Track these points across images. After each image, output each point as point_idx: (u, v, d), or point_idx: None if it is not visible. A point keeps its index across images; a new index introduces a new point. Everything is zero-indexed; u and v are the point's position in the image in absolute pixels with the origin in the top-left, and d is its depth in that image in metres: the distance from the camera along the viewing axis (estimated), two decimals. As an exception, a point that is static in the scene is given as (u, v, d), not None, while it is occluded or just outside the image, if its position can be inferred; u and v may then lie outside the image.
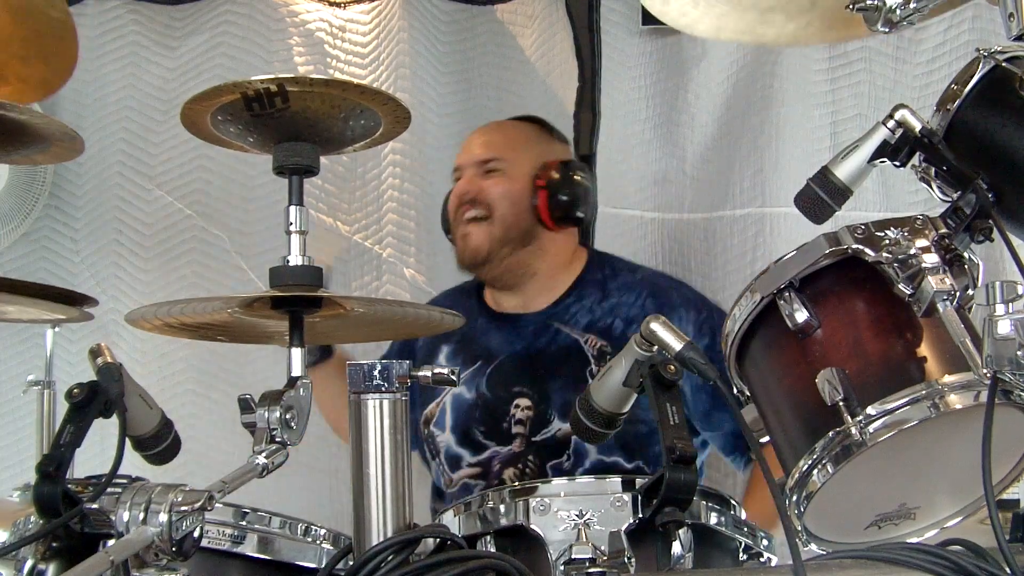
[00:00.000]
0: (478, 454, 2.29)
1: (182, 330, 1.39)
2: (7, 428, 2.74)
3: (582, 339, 2.28)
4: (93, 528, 1.23)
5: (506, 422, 2.26)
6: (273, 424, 1.19)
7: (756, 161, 2.77)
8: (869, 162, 1.27)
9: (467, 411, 2.31)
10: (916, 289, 1.15)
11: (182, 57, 2.84)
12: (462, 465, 2.30)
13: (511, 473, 2.24)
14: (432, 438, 2.35)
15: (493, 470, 2.26)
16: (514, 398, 2.27)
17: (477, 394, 2.31)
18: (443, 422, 2.34)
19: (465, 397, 2.32)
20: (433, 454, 2.36)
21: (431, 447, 2.36)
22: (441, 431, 2.34)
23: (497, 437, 2.27)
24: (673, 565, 1.19)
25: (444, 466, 2.33)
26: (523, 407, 2.25)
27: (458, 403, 2.33)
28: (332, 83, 1.24)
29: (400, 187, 2.85)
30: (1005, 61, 1.23)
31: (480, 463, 2.28)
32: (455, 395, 2.33)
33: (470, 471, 2.29)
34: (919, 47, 2.73)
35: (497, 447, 2.27)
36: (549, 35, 2.88)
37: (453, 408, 2.33)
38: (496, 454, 2.27)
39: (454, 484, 2.32)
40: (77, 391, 1.28)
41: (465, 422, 2.31)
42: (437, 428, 2.34)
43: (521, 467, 2.23)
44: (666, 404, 1.21)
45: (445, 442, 2.33)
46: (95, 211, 2.83)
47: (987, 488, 1.06)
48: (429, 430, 2.36)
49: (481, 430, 2.29)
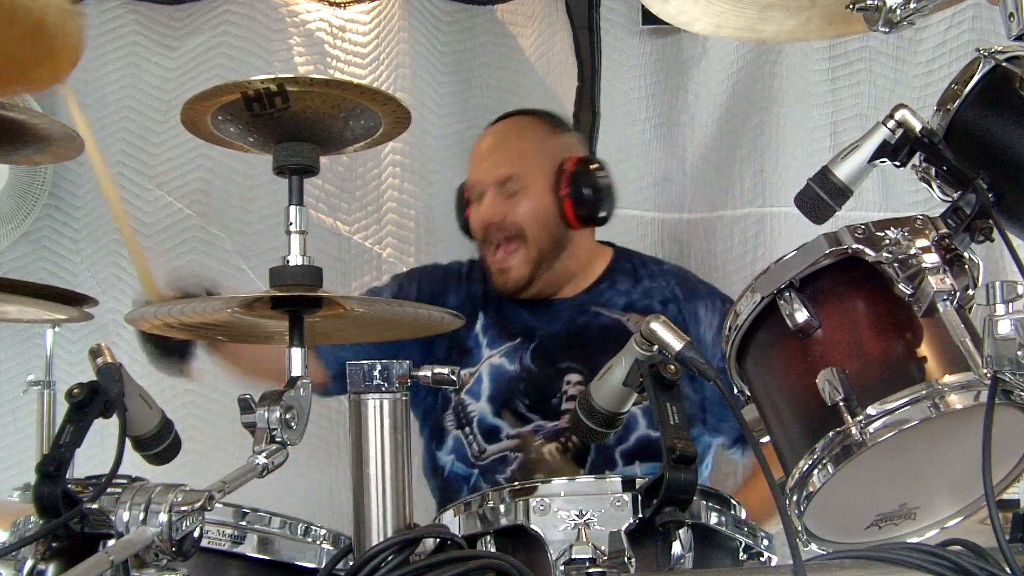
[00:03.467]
0: (521, 426, 2.27)
1: (182, 330, 1.39)
2: (7, 428, 2.74)
3: (623, 318, 2.30)
4: (93, 528, 1.23)
5: (556, 397, 2.25)
6: (273, 424, 1.19)
7: (756, 161, 2.77)
8: (869, 162, 1.27)
9: (509, 383, 2.29)
10: (916, 289, 1.15)
11: (182, 57, 2.84)
12: (500, 437, 2.27)
13: (553, 447, 2.23)
14: (463, 405, 2.32)
15: (534, 444, 2.24)
16: (564, 373, 2.26)
17: (521, 367, 2.29)
18: (478, 391, 2.31)
19: (507, 368, 2.30)
20: (463, 423, 2.32)
21: (461, 415, 2.32)
22: (475, 400, 2.30)
23: (543, 411, 2.26)
24: (673, 565, 1.19)
25: (477, 435, 2.29)
26: (574, 383, 2.25)
27: (498, 374, 2.30)
28: (332, 83, 1.24)
29: (400, 187, 2.85)
30: (1005, 61, 1.23)
31: (521, 436, 2.26)
32: (493, 365, 2.31)
33: (509, 443, 2.26)
34: (919, 47, 2.74)
35: (542, 421, 2.25)
36: (549, 35, 2.88)
37: (491, 378, 2.30)
38: (540, 428, 2.25)
39: (486, 456, 2.27)
40: (77, 391, 1.28)
41: (507, 393, 2.29)
42: (470, 396, 2.31)
43: (563, 441, 2.22)
44: (666, 404, 1.21)
45: (479, 411, 2.29)
46: (95, 211, 2.83)
47: (987, 488, 1.06)
48: (460, 397, 2.32)
49: (525, 403, 2.27)
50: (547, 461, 2.22)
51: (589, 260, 2.39)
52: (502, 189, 2.30)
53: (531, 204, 2.28)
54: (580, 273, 2.38)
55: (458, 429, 2.32)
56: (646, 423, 2.18)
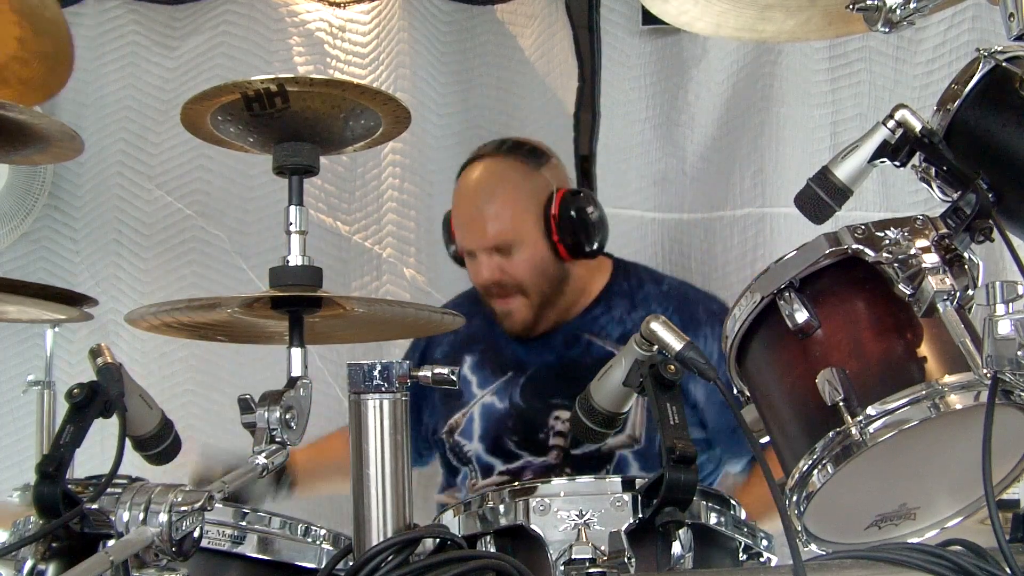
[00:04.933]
0: (510, 463, 2.26)
1: (182, 330, 1.39)
2: (7, 428, 2.74)
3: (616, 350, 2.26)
4: (93, 528, 1.23)
5: (543, 433, 2.24)
6: (273, 424, 1.19)
7: (756, 161, 2.77)
8: (869, 162, 1.27)
9: (499, 420, 2.29)
10: (916, 289, 1.15)
11: (182, 57, 2.84)
12: (493, 474, 2.28)
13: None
14: (459, 447, 2.33)
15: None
16: (552, 409, 2.24)
17: (510, 404, 2.29)
18: (470, 432, 2.31)
19: (496, 407, 2.30)
20: (463, 461, 2.33)
21: (459, 455, 2.33)
22: (468, 441, 2.31)
23: (531, 447, 2.25)
24: (673, 565, 1.19)
25: (477, 472, 2.31)
26: (563, 419, 2.22)
27: (488, 412, 2.31)
28: (332, 83, 1.24)
29: (400, 187, 2.85)
30: (1005, 61, 1.23)
31: (511, 472, 2.26)
32: (484, 405, 2.31)
33: (499, 479, 2.26)
34: (919, 47, 2.74)
35: (531, 457, 2.25)
36: (549, 35, 2.88)
37: (482, 417, 2.31)
38: (529, 464, 2.24)
39: (478, 491, 2.27)
40: (77, 391, 1.28)
41: (496, 431, 2.28)
42: (464, 438, 2.32)
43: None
44: (666, 404, 1.21)
45: (474, 451, 2.30)
46: (95, 211, 2.83)
47: (987, 488, 1.06)
48: (455, 440, 2.33)
49: (514, 440, 2.27)
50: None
51: (588, 278, 2.35)
52: (494, 250, 2.24)
53: (526, 256, 2.22)
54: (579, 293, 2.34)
55: (464, 465, 2.34)
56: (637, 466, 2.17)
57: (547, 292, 2.26)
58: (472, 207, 2.28)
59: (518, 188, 2.26)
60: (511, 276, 2.24)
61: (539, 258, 2.23)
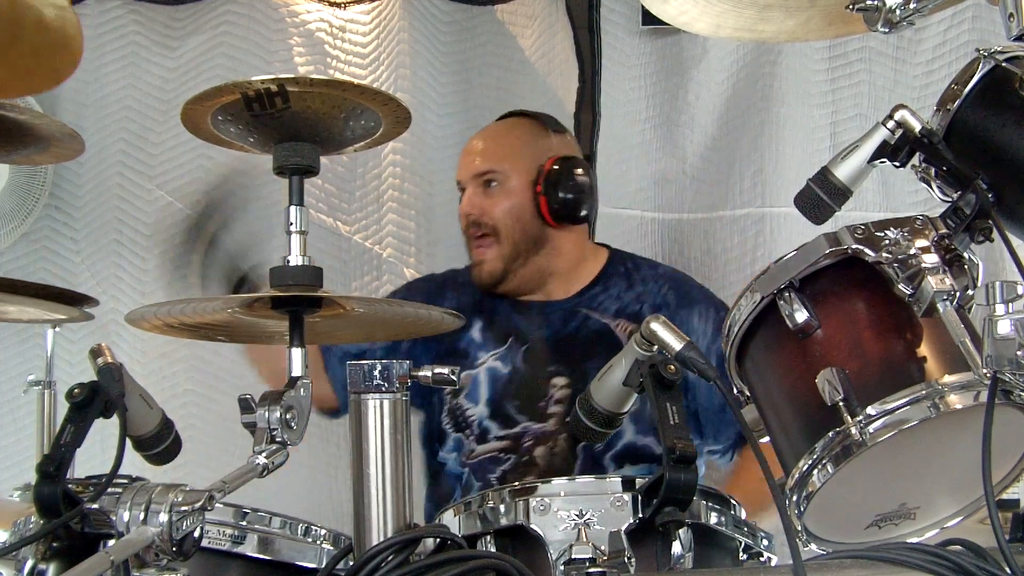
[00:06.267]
0: (508, 428, 2.28)
1: (182, 330, 1.39)
2: (7, 428, 2.74)
3: (612, 323, 2.30)
4: (93, 528, 1.23)
5: (543, 400, 2.27)
6: (273, 424, 1.19)
7: (756, 161, 2.77)
8: (869, 162, 1.27)
9: (502, 385, 2.31)
10: (916, 289, 1.15)
11: (182, 57, 2.84)
12: (488, 439, 2.28)
13: (542, 452, 2.24)
14: (461, 409, 2.32)
15: (523, 446, 2.25)
16: (551, 377, 2.28)
17: (512, 369, 2.31)
18: (476, 395, 2.31)
19: (501, 371, 2.32)
20: (461, 426, 2.32)
21: (458, 419, 2.33)
22: (474, 404, 2.31)
23: (530, 413, 2.27)
24: (673, 565, 1.19)
25: (472, 439, 2.30)
26: (560, 386, 2.27)
27: (494, 376, 2.32)
28: (332, 83, 1.24)
29: (400, 187, 2.85)
30: (1005, 61, 1.23)
31: (510, 437, 2.27)
32: (490, 368, 2.32)
33: (498, 444, 2.27)
34: (919, 47, 2.74)
35: (529, 423, 2.27)
36: (549, 35, 2.88)
37: (489, 381, 2.32)
38: (527, 430, 2.26)
39: (476, 456, 2.28)
40: (77, 391, 1.28)
41: (500, 395, 2.30)
42: (468, 400, 2.32)
43: (551, 446, 2.24)
44: (666, 404, 1.21)
45: (477, 415, 2.30)
46: (95, 211, 2.83)
47: (987, 488, 1.06)
48: (457, 401, 2.33)
49: (515, 404, 2.29)
50: (537, 464, 2.23)
51: (579, 261, 2.39)
52: (481, 184, 2.32)
53: (507, 201, 2.31)
54: (571, 274, 2.37)
55: (458, 432, 2.33)
56: (634, 429, 2.19)
57: (520, 245, 2.31)
58: (477, 140, 2.42)
59: (521, 138, 2.38)
60: (489, 215, 2.31)
61: (519, 206, 2.30)
